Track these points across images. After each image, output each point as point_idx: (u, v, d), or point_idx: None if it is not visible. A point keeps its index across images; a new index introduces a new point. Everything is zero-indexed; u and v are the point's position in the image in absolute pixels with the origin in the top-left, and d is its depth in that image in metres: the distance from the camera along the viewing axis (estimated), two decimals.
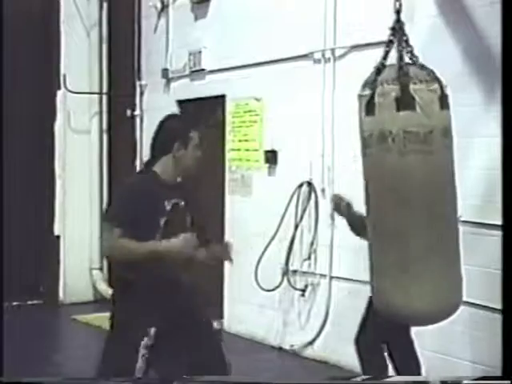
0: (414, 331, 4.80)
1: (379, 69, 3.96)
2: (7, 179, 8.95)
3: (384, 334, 4.77)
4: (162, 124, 4.27)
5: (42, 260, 9.08)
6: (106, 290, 8.92)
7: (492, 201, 5.08)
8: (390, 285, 3.91)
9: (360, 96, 4.03)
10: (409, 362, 4.88)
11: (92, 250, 9.01)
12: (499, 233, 4.98)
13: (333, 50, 6.40)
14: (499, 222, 4.96)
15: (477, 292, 5.14)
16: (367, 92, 3.95)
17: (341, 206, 4.91)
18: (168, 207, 4.08)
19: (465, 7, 5.15)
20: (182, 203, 4.18)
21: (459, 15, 5.20)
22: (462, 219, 5.17)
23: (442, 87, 3.91)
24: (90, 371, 6.09)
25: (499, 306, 4.95)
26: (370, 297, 4.51)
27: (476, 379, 2.82)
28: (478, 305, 5.17)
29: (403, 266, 3.87)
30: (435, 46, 5.26)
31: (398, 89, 3.85)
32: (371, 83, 3.95)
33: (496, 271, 5.00)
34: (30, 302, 8.81)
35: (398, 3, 4.16)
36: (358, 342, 4.87)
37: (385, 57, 4.02)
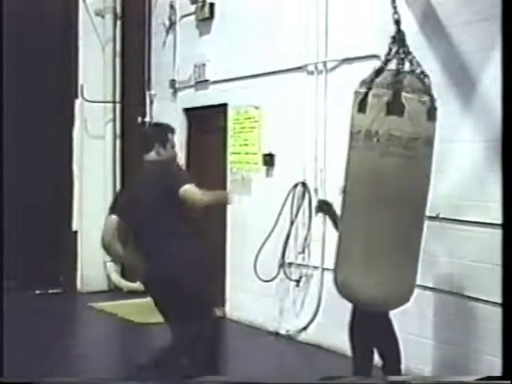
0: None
1: (378, 71, 3.94)
2: (31, 181, 9.02)
3: (369, 321, 4.63)
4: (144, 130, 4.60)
5: (61, 253, 9.09)
6: (119, 280, 8.97)
7: (468, 200, 5.09)
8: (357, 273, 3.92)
9: (356, 92, 4.00)
10: (389, 347, 4.86)
11: None
12: (474, 228, 5.04)
13: (325, 63, 6.41)
14: (474, 218, 5.02)
15: (453, 282, 5.17)
16: (363, 90, 3.92)
17: (324, 208, 4.99)
18: None
19: (443, 25, 5.18)
20: None
21: (438, 32, 5.23)
22: (441, 216, 5.24)
23: (432, 100, 3.89)
24: (102, 351, 6.17)
25: (471, 294, 5.01)
26: None
27: (476, 379, 2.74)
28: (450, 292, 5.18)
29: (369, 257, 3.88)
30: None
31: (390, 94, 3.83)
32: (368, 83, 3.92)
33: (470, 263, 5.05)
34: (50, 291, 8.82)
35: (396, 15, 4.16)
36: (352, 329, 4.75)
37: (385, 62, 4.01)
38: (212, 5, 7.71)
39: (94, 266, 9.00)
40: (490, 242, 4.72)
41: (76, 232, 9.04)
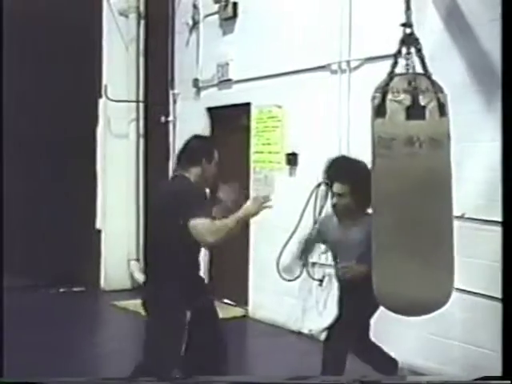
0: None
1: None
2: (54, 180, 9.09)
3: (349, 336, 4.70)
4: (189, 141, 4.36)
5: (85, 251, 9.15)
6: (142, 279, 9.00)
7: (493, 199, 5.04)
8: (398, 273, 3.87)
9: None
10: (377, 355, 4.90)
11: (129, 243, 9.06)
12: (499, 228, 4.98)
13: (348, 62, 6.40)
14: (500, 218, 4.96)
15: (478, 282, 5.13)
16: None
17: None
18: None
19: (468, 24, 5.13)
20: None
21: (463, 31, 5.19)
22: (466, 216, 5.20)
23: (414, 98, 3.85)
24: (124, 349, 6.19)
25: (498, 295, 4.95)
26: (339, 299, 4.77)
27: (476, 379, 2.71)
28: (478, 293, 5.13)
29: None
30: (441, 58, 5.24)
31: (379, 97, 3.86)
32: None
33: (495, 263, 4.99)
34: (74, 289, 8.88)
35: (407, 17, 4.17)
36: (327, 339, 4.82)
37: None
38: (235, 4, 7.73)
39: (117, 264, 9.05)
40: None
41: (100, 231, 9.10)
